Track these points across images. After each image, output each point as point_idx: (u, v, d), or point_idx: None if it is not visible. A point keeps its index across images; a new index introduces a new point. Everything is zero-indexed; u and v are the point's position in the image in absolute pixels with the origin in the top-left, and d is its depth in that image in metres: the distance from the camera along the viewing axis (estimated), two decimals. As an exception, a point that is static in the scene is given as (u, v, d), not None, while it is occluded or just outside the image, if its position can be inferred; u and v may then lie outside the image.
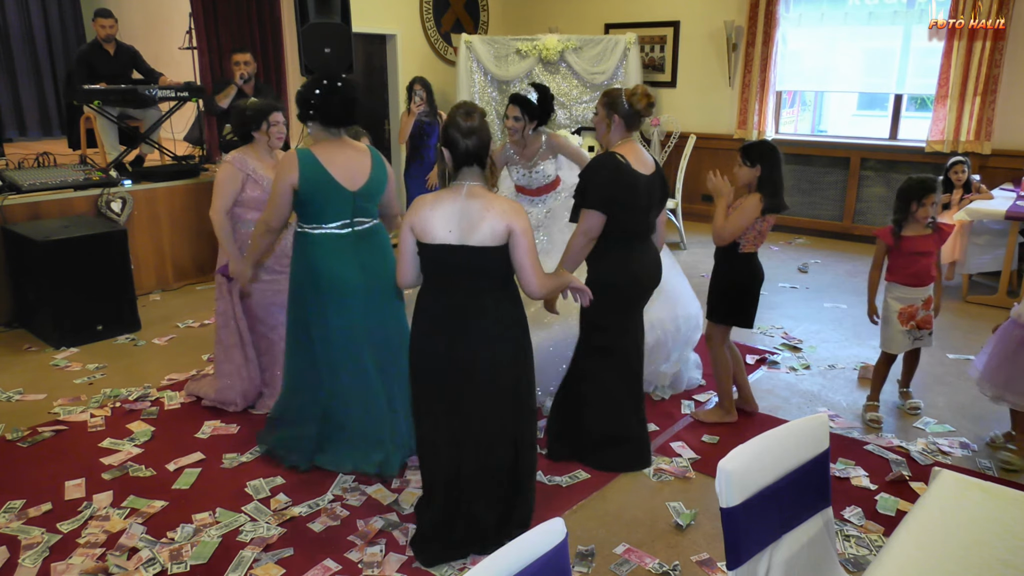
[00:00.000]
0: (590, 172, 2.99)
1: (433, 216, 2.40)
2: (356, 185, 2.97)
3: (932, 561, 1.58)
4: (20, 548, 2.68)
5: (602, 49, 7.63)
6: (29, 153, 6.04)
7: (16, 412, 3.76)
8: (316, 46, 6.09)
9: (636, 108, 3.00)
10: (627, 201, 2.97)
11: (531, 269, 2.42)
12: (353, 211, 3.00)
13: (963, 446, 3.42)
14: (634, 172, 2.97)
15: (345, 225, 3.00)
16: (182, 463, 3.27)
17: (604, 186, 2.93)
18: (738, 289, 3.46)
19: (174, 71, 7.08)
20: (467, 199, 2.40)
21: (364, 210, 3.03)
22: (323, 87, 2.91)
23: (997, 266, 5.46)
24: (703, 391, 3.97)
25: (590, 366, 3.18)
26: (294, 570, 2.57)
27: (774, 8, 7.26)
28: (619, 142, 3.06)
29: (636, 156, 3.02)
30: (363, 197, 3.00)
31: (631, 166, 2.97)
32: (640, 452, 3.26)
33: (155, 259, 5.72)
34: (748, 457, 1.62)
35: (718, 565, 2.61)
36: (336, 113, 2.95)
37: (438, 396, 2.54)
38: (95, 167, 5.61)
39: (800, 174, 7.55)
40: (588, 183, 2.97)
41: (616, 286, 3.04)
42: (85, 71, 6.11)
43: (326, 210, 2.96)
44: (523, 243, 2.39)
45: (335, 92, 2.91)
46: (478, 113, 2.44)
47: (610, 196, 2.93)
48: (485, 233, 2.37)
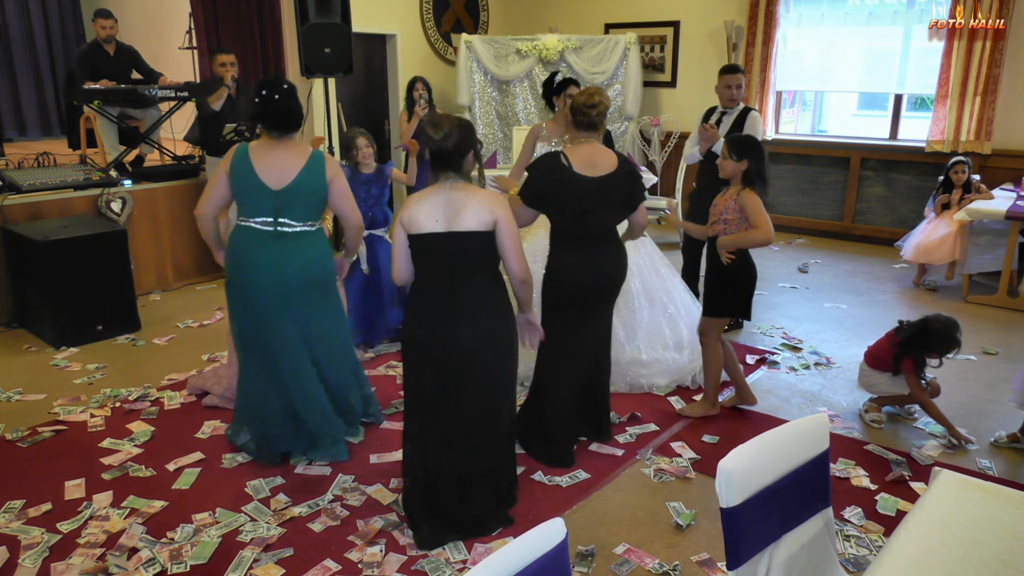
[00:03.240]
0: (530, 167, 3.11)
1: (420, 208, 2.57)
2: (279, 185, 3.04)
3: (932, 561, 1.57)
4: (20, 548, 2.68)
5: (602, 49, 7.63)
6: (29, 153, 6.05)
7: (16, 412, 3.76)
8: (316, 46, 6.09)
9: (576, 103, 3.11)
10: (558, 202, 3.03)
11: (514, 252, 2.62)
12: (275, 210, 3.05)
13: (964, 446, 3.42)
14: (572, 174, 3.01)
15: (267, 223, 3.06)
16: (182, 463, 3.27)
17: (534, 182, 3.04)
18: (731, 283, 3.47)
19: (174, 71, 7.08)
20: (451, 191, 2.58)
21: (291, 212, 3.06)
22: (262, 96, 3.02)
23: (997, 266, 5.45)
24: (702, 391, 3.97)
25: (540, 358, 3.23)
26: (294, 570, 2.57)
27: (774, 8, 7.26)
28: (577, 142, 3.14)
29: (585, 158, 3.05)
30: (285, 197, 3.04)
31: (571, 168, 3.01)
32: (560, 456, 3.25)
33: (155, 259, 5.72)
34: (748, 457, 1.62)
35: (718, 565, 2.61)
36: (269, 120, 3.05)
37: (427, 382, 2.68)
38: (95, 167, 5.61)
39: (800, 174, 7.55)
40: (528, 177, 3.10)
41: (555, 285, 3.13)
42: (86, 71, 6.11)
43: (247, 203, 3.07)
44: (506, 229, 2.58)
45: (271, 103, 3.01)
46: (447, 122, 2.57)
47: (538, 194, 3.04)
48: (469, 219, 2.53)
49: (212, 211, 3.15)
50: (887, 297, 5.59)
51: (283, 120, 3.04)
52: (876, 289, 5.79)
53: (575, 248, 3.10)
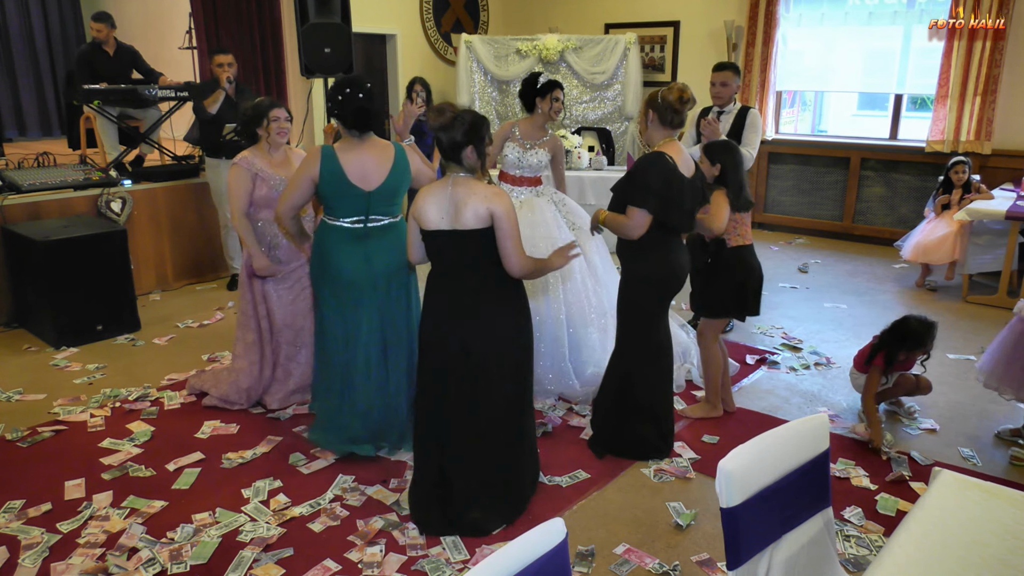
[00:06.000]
0: (641, 170, 3.01)
1: (427, 204, 2.62)
2: (371, 186, 3.09)
3: (932, 561, 1.57)
4: (20, 548, 2.68)
5: (602, 49, 7.63)
6: (29, 153, 6.04)
7: (16, 412, 3.76)
8: (316, 46, 6.09)
9: (667, 100, 3.04)
10: (676, 201, 3.01)
11: (511, 249, 2.58)
12: (368, 209, 3.11)
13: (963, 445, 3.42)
14: (680, 174, 3.01)
15: (358, 221, 3.12)
16: (182, 463, 3.27)
17: (655, 186, 2.96)
18: (729, 283, 3.47)
19: (174, 71, 7.08)
20: (453, 187, 2.60)
21: (380, 208, 3.15)
22: (345, 94, 3.02)
23: (997, 266, 5.45)
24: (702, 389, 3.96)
25: (638, 368, 3.22)
26: (294, 570, 2.57)
27: (774, 8, 7.26)
28: (662, 141, 3.10)
29: (681, 157, 3.06)
30: (378, 197, 3.11)
31: (677, 167, 3.00)
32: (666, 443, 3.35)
33: (155, 259, 5.72)
34: (748, 457, 1.62)
35: (718, 565, 2.61)
36: (349, 120, 3.07)
37: (437, 377, 2.72)
38: (95, 167, 5.61)
39: (800, 174, 7.55)
40: (638, 181, 3.00)
41: (661, 280, 3.14)
42: (86, 71, 6.10)
43: (339, 205, 3.11)
44: (504, 225, 2.56)
45: (349, 102, 3.03)
46: (450, 111, 2.58)
47: (661, 196, 2.97)
48: (469, 217, 2.55)
49: (291, 212, 3.21)
50: (887, 297, 5.59)
51: (363, 119, 3.07)
52: (876, 289, 5.79)
53: (676, 245, 3.16)
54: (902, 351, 3.47)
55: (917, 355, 3.53)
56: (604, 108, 7.75)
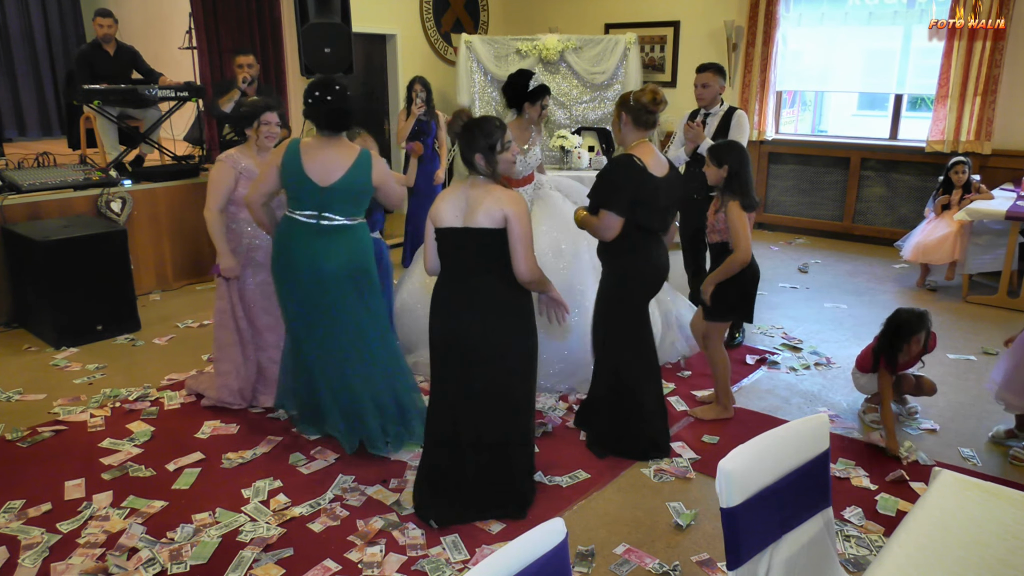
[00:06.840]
0: (608, 173, 3.05)
1: (444, 204, 2.70)
2: (326, 182, 3.14)
3: (932, 561, 1.57)
4: (20, 548, 2.68)
5: (602, 49, 7.62)
6: (29, 153, 6.04)
7: (16, 412, 3.76)
8: (316, 46, 6.09)
9: (641, 102, 3.05)
10: (646, 201, 3.03)
11: (521, 253, 2.64)
12: (320, 205, 3.16)
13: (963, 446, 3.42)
14: (650, 174, 3.02)
15: (312, 216, 3.18)
16: (182, 463, 3.27)
17: (622, 188, 3.00)
18: (733, 286, 3.46)
19: (174, 71, 7.08)
20: (470, 188, 2.69)
21: (335, 207, 3.18)
22: (315, 96, 3.11)
23: (997, 266, 5.45)
24: (701, 388, 3.96)
25: (624, 367, 3.24)
26: (294, 570, 2.57)
27: (774, 8, 7.25)
28: (634, 143, 3.11)
29: (652, 157, 3.07)
30: (332, 194, 3.15)
31: (647, 168, 3.01)
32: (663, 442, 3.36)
33: (155, 259, 5.72)
34: (748, 457, 1.62)
35: (718, 565, 2.61)
36: (322, 121, 3.16)
37: (446, 369, 2.80)
38: (95, 167, 5.61)
39: (800, 174, 7.54)
40: (607, 184, 3.04)
41: (642, 277, 3.17)
42: (86, 71, 6.10)
43: (296, 197, 3.21)
44: (516, 228, 2.61)
45: (322, 103, 3.11)
46: (460, 120, 2.73)
47: (628, 198, 3.00)
48: (482, 216, 2.61)
49: (259, 199, 3.30)
50: (887, 297, 5.58)
51: (332, 120, 3.15)
52: (876, 289, 5.79)
53: (656, 244, 3.19)
54: (901, 344, 3.46)
55: (917, 348, 3.49)
56: (604, 108, 7.75)
